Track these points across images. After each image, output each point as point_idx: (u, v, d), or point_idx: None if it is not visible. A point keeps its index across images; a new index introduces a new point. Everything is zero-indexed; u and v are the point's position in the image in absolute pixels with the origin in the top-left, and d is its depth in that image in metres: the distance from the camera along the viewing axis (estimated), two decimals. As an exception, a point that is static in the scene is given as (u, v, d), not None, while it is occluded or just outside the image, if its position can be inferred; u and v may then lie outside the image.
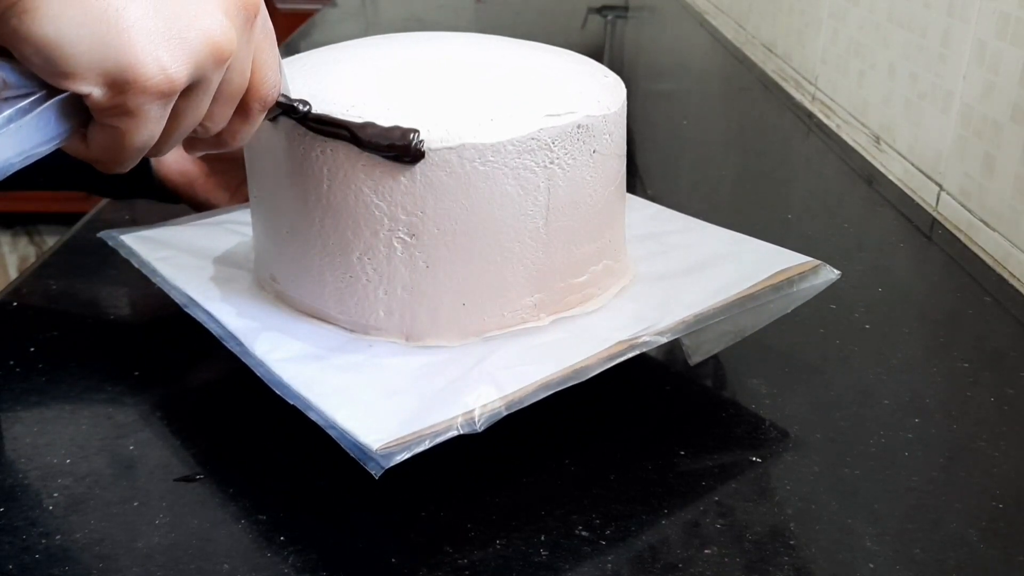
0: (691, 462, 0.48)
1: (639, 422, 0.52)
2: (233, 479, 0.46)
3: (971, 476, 0.48)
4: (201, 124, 0.40)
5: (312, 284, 0.50)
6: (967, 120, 0.78)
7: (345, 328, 0.50)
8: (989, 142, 0.74)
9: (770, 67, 1.31)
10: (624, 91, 0.53)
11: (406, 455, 0.40)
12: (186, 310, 0.52)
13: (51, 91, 0.35)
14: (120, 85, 0.35)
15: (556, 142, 0.47)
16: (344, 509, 0.44)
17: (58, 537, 0.42)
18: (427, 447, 0.40)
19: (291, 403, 0.44)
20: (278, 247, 0.52)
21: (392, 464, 0.39)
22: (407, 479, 0.46)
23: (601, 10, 1.69)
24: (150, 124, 0.37)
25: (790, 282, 0.52)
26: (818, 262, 0.53)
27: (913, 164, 0.87)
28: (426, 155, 0.45)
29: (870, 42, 0.98)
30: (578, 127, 0.48)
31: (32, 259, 2.32)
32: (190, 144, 0.43)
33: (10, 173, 0.36)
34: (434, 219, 0.47)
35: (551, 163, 0.47)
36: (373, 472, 0.39)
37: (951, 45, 0.81)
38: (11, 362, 0.55)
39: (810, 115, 1.12)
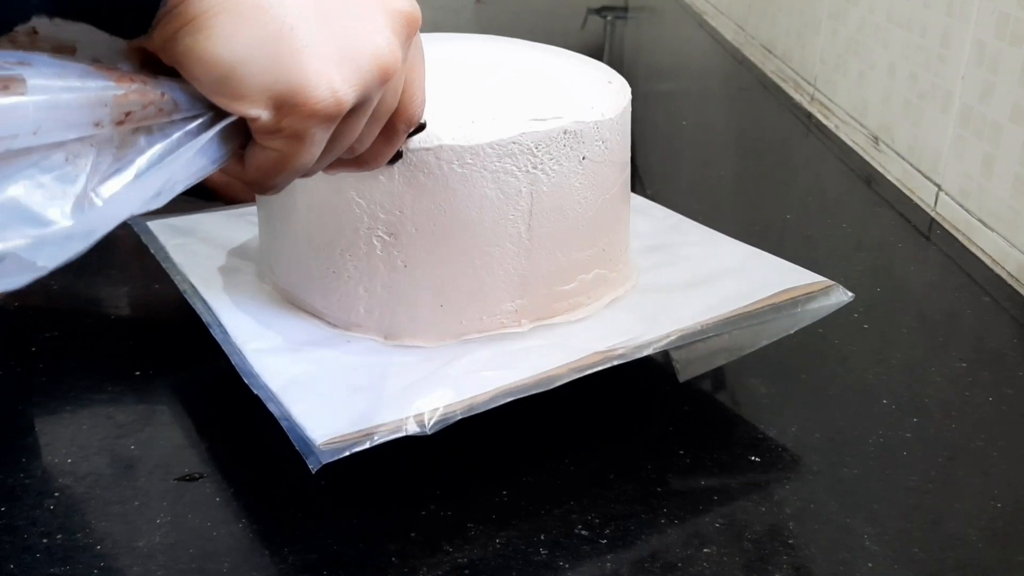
0: (691, 462, 0.49)
1: (639, 422, 0.52)
2: (233, 479, 0.46)
3: (970, 476, 0.48)
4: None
5: (301, 278, 0.51)
6: (966, 120, 0.78)
7: (329, 323, 0.50)
8: (988, 142, 0.74)
9: (769, 68, 1.31)
10: (627, 98, 0.52)
11: (346, 453, 0.40)
12: (184, 296, 0.52)
13: (217, 113, 0.33)
14: (289, 108, 0.33)
15: (540, 147, 0.47)
16: (344, 509, 0.44)
17: (58, 537, 0.42)
18: (368, 447, 0.40)
19: (255, 393, 0.44)
20: (274, 240, 0.52)
21: (331, 460, 0.39)
22: (407, 479, 0.46)
23: (601, 11, 1.69)
24: (313, 147, 0.35)
25: (794, 302, 0.51)
26: (830, 283, 0.52)
27: (912, 164, 0.87)
28: (404, 155, 0.45)
29: (869, 42, 0.98)
30: (564, 132, 0.47)
31: (31, 259, 2.31)
32: (331, 165, 0.40)
33: (169, 200, 0.33)
34: (412, 219, 0.47)
35: (534, 168, 0.47)
36: (311, 466, 0.39)
37: (950, 45, 0.81)
38: (11, 362, 0.55)
39: (809, 115, 1.12)
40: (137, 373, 0.54)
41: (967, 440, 0.51)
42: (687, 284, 0.53)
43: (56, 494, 0.45)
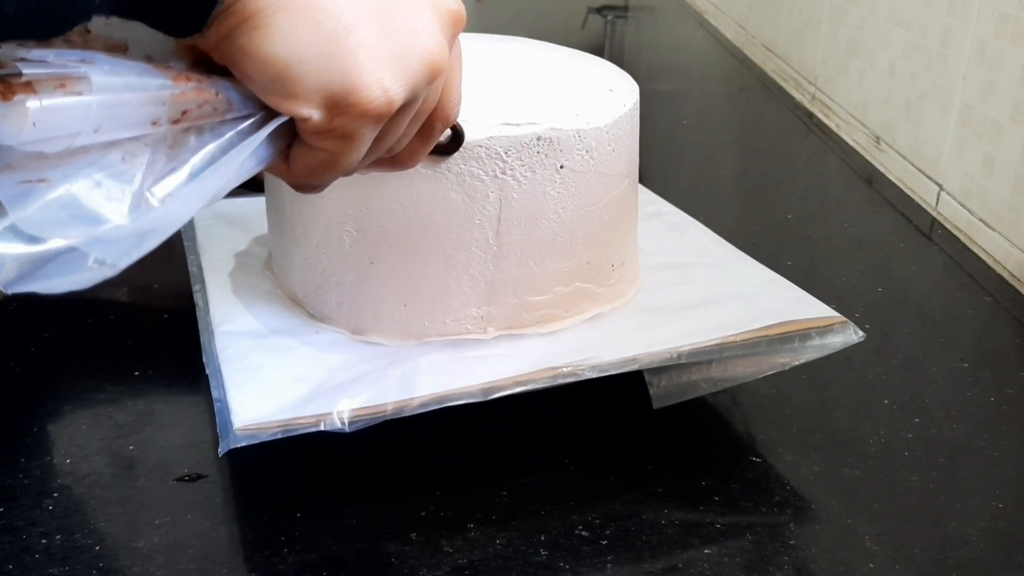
0: (690, 462, 0.48)
1: (639, 422, 0.52)
2: (233, 479, 0.46)
3: (971, 476, 0.48)
4: None
5: (288, 267, 0.52)
6: (967, 120, 0.78)
7: (308, 314, 0.51)
8: (989, 142, 0.74)
9: (770, 67, 1.31)
10: (627, 107, 0.51)
11: (256, 440, 0.40)
12: (192, 278, 0.54)
13: (268, 113, 0.33)
14: (341, 108, 0.33)
15: (510, 152, 0.46)
16: (344, 509, 0.44)
17: (58, 537, 0.42)
18: (280, 438, 0.41)
19: (206, 372, 0.45)
20: (274, 228, 0.54)
21: (241, 445, 0.40)
22: (406, 480, 0.46)
23: (601, 10, 1.69)
24: (361, 147, 0.35)
25: (789, 337, 0.48)
26: (839, 318, 0.49)
27: (913, 164, 0.87)
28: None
29: (870, 42, 0.98)
30: (538, 139, 0.46)
31: (32, 259, 2.31)
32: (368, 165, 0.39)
33: (217, 201, 0.33)
34: (378, 216, 0.47)
35: (503, 173, 0.46)
36: (220, 449, 0.40)
37: (951, 45, 0.81)
38: (11, 362, 0.55)
39: (810, 115, 1.12)
40: (137, 373, 0.54)
41: (968, 440, 0.51)
42: (683, 306, 0.51)
43: (55, 494, 0.45)
